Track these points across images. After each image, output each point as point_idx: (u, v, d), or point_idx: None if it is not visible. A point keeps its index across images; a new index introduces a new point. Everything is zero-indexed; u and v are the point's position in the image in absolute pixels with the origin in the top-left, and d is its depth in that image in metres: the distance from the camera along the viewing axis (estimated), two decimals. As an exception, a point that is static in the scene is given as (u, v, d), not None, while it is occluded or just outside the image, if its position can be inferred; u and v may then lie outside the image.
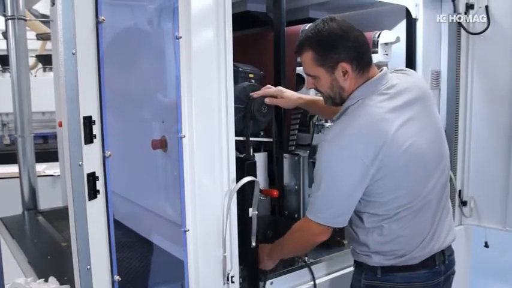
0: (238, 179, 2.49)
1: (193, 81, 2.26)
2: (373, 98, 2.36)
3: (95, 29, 1.94)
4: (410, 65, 3.53)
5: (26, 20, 4.44)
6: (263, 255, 2.74)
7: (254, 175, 2.61)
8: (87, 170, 1.96)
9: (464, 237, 3.99)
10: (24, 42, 4.40)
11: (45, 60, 8.95)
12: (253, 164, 2.68)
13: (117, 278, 2.10)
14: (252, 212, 2.61)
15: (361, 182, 2.30)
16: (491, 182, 3.79)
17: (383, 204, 2.37)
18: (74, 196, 1.93)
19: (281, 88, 2.86)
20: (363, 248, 2.49)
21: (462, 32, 3.71)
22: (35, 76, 9.24)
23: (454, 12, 3.64)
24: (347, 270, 3.02)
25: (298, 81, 3.25)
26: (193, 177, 2.32)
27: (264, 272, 2.78)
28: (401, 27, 3.61)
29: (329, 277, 3.03)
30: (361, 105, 2.35)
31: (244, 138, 2.82)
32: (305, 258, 2.95)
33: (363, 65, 2.40)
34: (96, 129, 1.96)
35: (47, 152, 7.07)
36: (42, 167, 6.77)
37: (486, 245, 4.04)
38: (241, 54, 2.69)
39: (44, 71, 9.29)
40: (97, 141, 1.98)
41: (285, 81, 2.94)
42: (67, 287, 2.65)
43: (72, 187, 1.92)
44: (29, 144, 4.54)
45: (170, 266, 2.67)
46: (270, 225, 2.97)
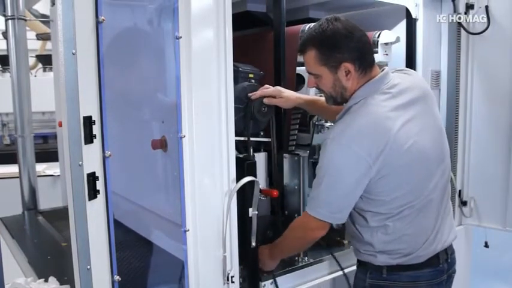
0: (238, 179, 2.49)
1: (193, 81, 2.26)
2: (376, 97, 2.37)
3: (95, 29, 1.94)
4: (410, 65, 3.53)
5: (26, 20, 4.44)
6: (264, 257, 2.75)
7: (254, 175, 2.61)
8: (87, 170, 1.96)
9: (464, 237, 3.99)
10: (24, 42, 4.40)
11: (45, 60, 8.96)
12: (253, 164, 2.68)
13: (117, 278, 2.10)
14: (252, 212, 2.61)
15: (362, 180, 2.31)
16: (491, 182, 3.79)
17: (386, 202, 2.37)
18: (74, 196, 1.93)
19: (280, 88, 2.86)
20: (368, 248, 2.49)
21: (462, 32, 3.71)
22: (35, 76, 9.24)
23: (454, 12, 3.64)
24: (347, 270, 3.02)
25: (298, 81, 3.25)
26: (193, 177, 2.32)
27: (268, 272, 2.79)
28: (401, 27, 3.60)
29: (329, 277, 3.03)
30: (364, 104, 2.36)
31: (244, 138, 2.82)
32: (305, 258, 2.96)
33: (366, 65, 2.41)
34: (96, 129, 1.96)
35: (47, 152, 7.07)
36: (42, 167, 6.77)
37: (486, 245, 4.04)
38: (241, 54, 2.70)
39: (44, 71, 9.29)
40: (97, 141, 1.98)
41: (285, 81, 2.93)
42: (67, 287, 2.65)
43: (72, 187, 1.92)
44: (29, 144, 4.54)
45: (170, 266, 2.67)
46: (270, 225, 2.97)
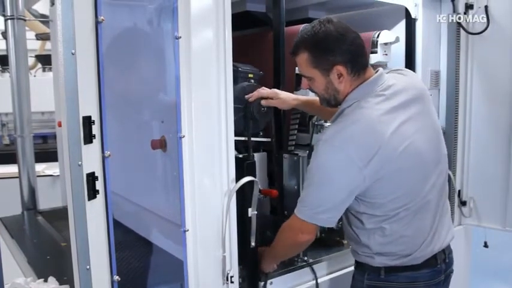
0: (238, 179, 2.49)
1: (193, 81, 2.26)
2: (369, 100, 2.35)
3: (95, 29, 1.94)
4: (410, 65, 3.53)
5: (25, 20, 4.44)
6: (261, 258, 2.76)
7: (253, 175, 2.61)
8: (87, 170, 1.96)
9: (463, 237, 3.99)
10: (23, 42, 4.40)
11: (45, 60, 8.96)
12: (253, 164, 2.68)
13: (116, 278, 2.10)
14: (251, 212, 2.61)
15: (351, 184, 2.30)
16: (490, 182, 3.79)
17: (382, 205, 2.36)
18: (74, 196, 1.93)
19: (276, 90, 2.85)
20: (365, 250, 2.49)
21: (462, 32, 3.71)
22: (35, 76, 9.24)
23: (454, 12, 3.64)
24: (347, 270, 3.02)
25: (298, 82, 3.25)
26: (193, 177, 2.33)
27: (265, 274, 2.79)
28: (401, 27, 3.61)
29: (329, 277, 3.03)
30: (357, 107, 2.35)
31: (244, 138, 2.82)
32: (304, 258, 2.96)
33: (359, 67, 2.39)
34: (95, 129, 1.96)
35: (47, 152, 7.08)
36: (41, 167, 6.77)
37: (486, 245, 4.04)
38: (240, 54, 2.69)
39: (44, 71, 9.30)
40: (96, 141, 1.98)
41: (284, 81, 2.94)
42: (66, 287, 2.65)
43: (71, 187, 1.92)
44: (28, 144, 4.54)
45: (170, 266, 2.67)
46: (269, 225, 2.97)
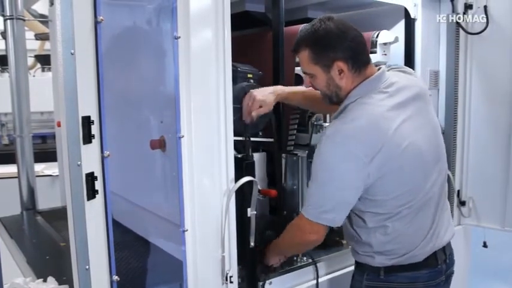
0: (237, 179, 2.49)
1: (192, 81, 2.26)
2: (373, 96, 2.36)
3: (94, 29, 1.94)
4: (409, 65, 3.52)
5: (24, 20, 4.43)
6: (267, 251, 2.78)
7: (253, 175, 2.61)
8: (86, 170, 1.96)
9: (463, 237, 3.99)
10: (22, 42, 4.40)
11: (44, 60, 8.97)
12: (252, 164, 2.68)
13: (115, 278, 2.10)
14: (250, 212, 2.61)
15: (357, 180, 2.30)
16: (490, 182, 3.79)
17: (384, 202, 2.36)
18: (73, 196, 1.93)
19: (258, 96, 2.74)
20: (366, 249, 2.49)
21: (461, 32, 3.71)
22: (34, 76, 9.25)
23: (453, 12, 3.64)
24: (346, 270, 3.02)
25: (297, 81, 3.25)
26: (192, 177, 2.33)
27: (265, 270, 2.79)
28: (400, 27, 3.61)
29: (328, 277, 3.03)
30: (361, 103, 2.35)
31: (243, 138, 2.82)
32: (304, 258, 2.96)
33: (360, 64, 2.40)
34: (94, 129, 1.96)
35: (46, 152, 7.08)
36: (40, 167, 6.78)
37: (485, 245, 4.04)
38: (240, 54, 2.69)
39: (43, 71, 9.31)
40: (96, 141, 1.98)
41: (283, 81, 2.93)
42: (66, 287, 2.65)
43: (70, 187, 1.92)
44: (27, 144, 4.54)
45: (169, 266, 2.67)
46: (269, 225, 2.97)
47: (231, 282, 2.50)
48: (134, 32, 2.71)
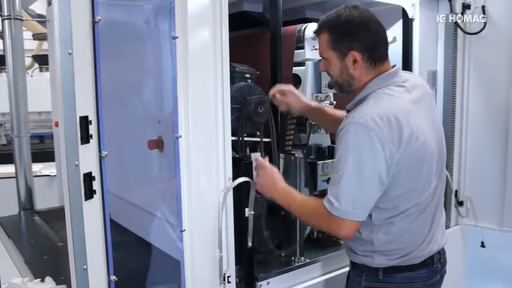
0: (235, 179, 2.49)
1: (190, 81, 2.26)
2: (393, 88, 2.35)
3: (92, 29, 1.94)
4: (407, 64, 3.53)
5: (22, 20, 4.44)
6: (271, 188, 2.60)
7: (250, 175, 2.61)
8: (84, 170, 1.96)
9: (460, 237, 4.00)
10: (20, 42, 4.40)
11: (42, 60, 8.97)
12: (249, 164, 2.68)
13: (113, 277, 2.10)
14: (248, 212, 2.61)
15: (386, 169, 2.23)
16: (487, 182, 3.79)
17: (395, 197, 2.32)
18: (70, 196, 1.93)
19: (292, 90, 2.86)
20: (366, 248, 2.46)
21: (459, 32, 3.72)
22: (32, 76, 9.25)
23: (451, 12, 3.65)
24: (344, 270, 3.02)
25: (295, 81, 3.25)
26: (190, 178, 2.33)
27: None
28: (398, 27, 3.61)
29: (326, 277, 3.03)
30: (384, 93, 2.33)
31: (240, 139, 2.82)
32: (301, 258, 2.96)
33: (376, 57, 2.38)
34: (92, 129, 1.96)
35: (44, 152, 7.09)
36: (38, 167, 6.78)
37: (482, 245, 4.04)
38: (237, 54, 2.69)
39: (41, 71, 9.31)
40: (93, 141, 1.98)
41: (281, 82, 2.93)
42: (63, 287, 2.64)
43: (68, 187, 1.92)
44: (25, 144, 4.54)
45: (167, 266, 2.67)
46: (266, 225, 2.97)
47: (229, 282, 2.50)
48: (132, 32, 2.71)
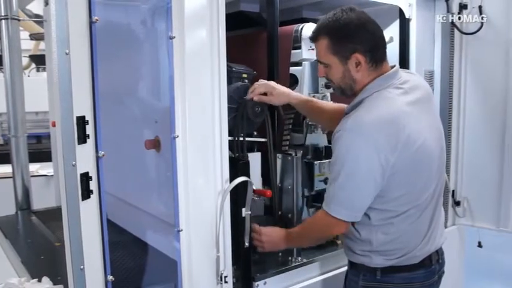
0: (232, 179, 2.49)
1: (187, 81, 2.26)
2: (391, 90, 2.36)
3: (89, 29, 1.94)
4: (404, 64, 3.54)
5: (19, 20, 4.44)
6: (279, 240, 2.75)
7: (247, 175, 2.61)
8: (81, 170, 1.96)
9: (457, 237, 4.00)
10: (17, 42, 4.40)
11: (39, 60, 8.98)
12: (246, 164, 2.68)
13: (110, 278, 2.10)
14: (245, 212, 2.61)
15: (381, 172, 2.26)
16: (484, 182, 3.80)
17: (393, 199, 2.35)
18: (67, 196, 1.93)
19: (273, 84, 2.85)
20: (364, 247, 2.47)
21: (456, 32, 3.73)
22: (29, 76, 9.25)
23: (448, 12, 3.65)
24: (341, 270, 3.01)
25: (292, 81, 3.25)
26: (187, 178, 2.33)
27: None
28: (395, 27, 3.61)
29: (323, 277, 3.03)
30: (380, 96, 2.34)
31: (236, 138, 2.82)
32: (299, 258, 2.96)
33: (377, 58, 2.40)
34: (89, 129, 1.96)
35: (41, 152, 7.10)
36: (35, 167, 6.78)
37: (479, 245, 4.05)
38: (234, 54, 2.69)
39: (38, 71, 9.32)
40: (90, 141, 1.98)
41: (278, 81, 2.93)
42: (60, 287, 2.64)
43: (65, 187, 1.92)
44: (22, 144, 4.54)
45: (163, 266, 2.67)
46: (263, 226, 2.97)
47: (226, 282, 2.50)
48: (129, 32, 2.71)
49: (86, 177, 1.98)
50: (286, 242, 2.76)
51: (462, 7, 3.66)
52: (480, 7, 3.58)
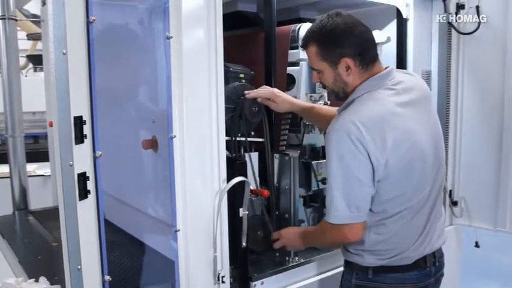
0: (229, 179, 2.49)
1: (184, 81, 2.26)
2: (381, 91, 2.37)
3: (86, 29, 1.94)
4: (401, 64, 3.54)
5: (16, 20, 4.43)
6: (295, 242, 2.81)
7: (244, 175, 2.61)
8: (78, 170, 1.96)
9: (454, 237, 4.01)
10: (14, 42, 4.40)
11: (36, 60, 8.97)
12: (244, 164, 2.68)
13: (107, 278, 2.10)
14: (242, 212, 2.61)
15: (371, 172, 2.28)
16: (482, 182, 3.80)
17: (386, 201, 2.35)
18: (65, 196, 1.93)
19: (276, 91, 2.86)
20: (357, 246, 2.47)
21: (453, 32, 3.73)
22: (26, 76, 9.24)
23: (445, 12, 3.66)
24: (337, 270, 3.02)
25: (289, 81, 3.25)
26: (184, 178, 2.33)
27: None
28: (392, 27, 3.62)
29: (320, 277, 3.03)
30: (370, 97, 2.35)
31: (233, 138, 2.82)
32: (296, 258, 2.96)
33: (367, 60, 2.41)
34: (86, 129, 1.96)
35: (38, 152, 7.09)
36: (32, 167, 6.78)
37: (477, 245, 4.05)
38: (232, 54, 2.70)
39: (35, 71, 9.32)
40: (88, 141, 1.97)
41: (275, 81, 2.94)
42: (58, 287, 2.64)
43: (62, 187, 1.92)
44: (19, 144, 4.53)
45: (161, 266, 2.67)
46: (261, 225, 2.97)
47: (223, 282, 2.50)
48: (126, 32, 2.71)
49: (83, 177, 1.97)
50: (303, 241, 2.78)
51: (459, 7, 3.67)
52: (477, 7, 3.58)
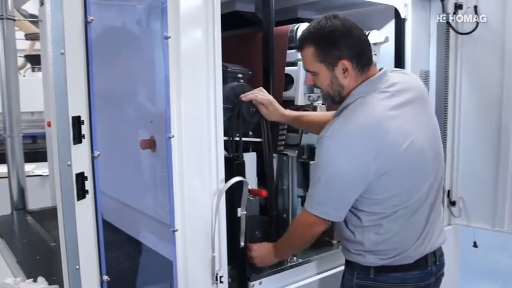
0: (227, 179, 2.49)
1: (182, 81, 2.26)
2: (374, 95, 2.37)
3: (84, 29, 1.94)
4: (400, 64, 3.54)
5: (14, 20, 4.43)
6: (268, 253, 2.80)
7: (243, 175, 2.61)
8: (76, 170, 1.95)
9: (453, 237, 4.01)
10: (12, 42, 4.39)
11: (34, 60, 8.96)
12: (242, 164, 2.68)
13: (105, 278, 2.10)
14: (240, 212, 2.61)
15: (360, 179, 2.31)
16: (480, 182, 3.80)
17: (381, 201, 2.37)
18: (63, 196, 1.93)
19: (271, 100, 2.86)
20: (358, 247, 2.49)
21: (451, 32, 3.73)
22: (24, 76, 9.23)
23: (443, 12, 3.66)
24: (336, 270, 3.02)
25: (288, 81, 3.25)
26: (182, 178, 2.33)
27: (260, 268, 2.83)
28: (390, 27, 3.62)
29: (318, 277, 3.03)
30: (362, 103, 2.36)
31: (231, 138, 2.82)
32: (294, 258, 2.96)
33: (364, 63, 2.41)
34: (85, 129, 1.96)
35: (36, 152, 7.07)
36: (31, 167, 6.76)
37: (475, 245, 4.05)
38: (230, 54, 2.69)
39: (33, 71, 9.30)
40: (86, 141, 1.97)
41: (274, 81, 2.94)
42: (56, 287, 2.64)
43: (60, 187, 1.92)
44: (17, 144, 4.53)
45: (159, 266, 2.67)
46: (259, 225, 2.97)
47: (221, 282, 2.50)
48: (124, 32, 2.71)
49: (81, 177, 1.97)
50: (275, 253, 2.79)
51: (457, 7, 3.67)
52: (475, 7, 3.59)
